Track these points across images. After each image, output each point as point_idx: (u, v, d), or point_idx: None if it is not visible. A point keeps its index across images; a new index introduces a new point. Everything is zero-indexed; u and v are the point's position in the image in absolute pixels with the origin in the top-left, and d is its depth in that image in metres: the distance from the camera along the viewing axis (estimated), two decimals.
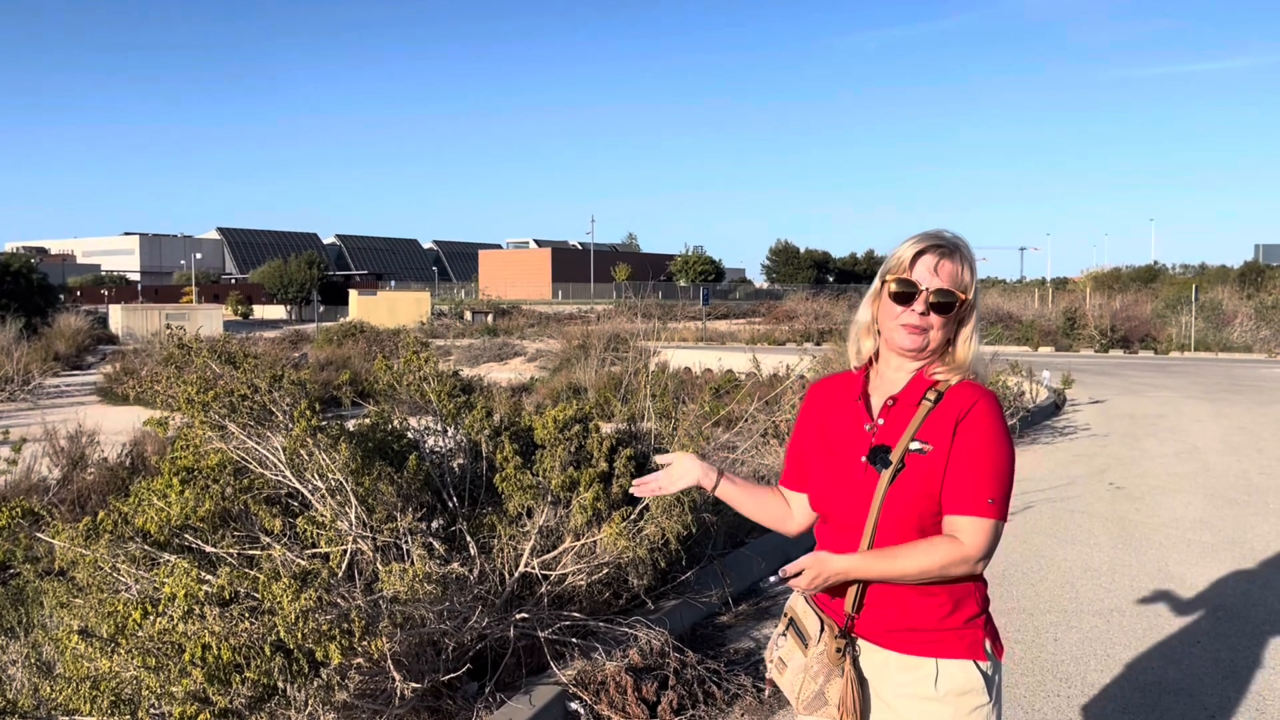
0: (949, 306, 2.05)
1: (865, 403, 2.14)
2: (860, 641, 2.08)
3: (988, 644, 2.06)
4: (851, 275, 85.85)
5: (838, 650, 2.05)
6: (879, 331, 2.14)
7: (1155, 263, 63.14)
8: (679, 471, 2.35)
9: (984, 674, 2.04)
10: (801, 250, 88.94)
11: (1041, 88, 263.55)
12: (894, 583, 2.03)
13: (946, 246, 2.07)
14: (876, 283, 2.14)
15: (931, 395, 2.05)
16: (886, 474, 2.01)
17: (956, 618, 2.04)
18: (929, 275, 2.05)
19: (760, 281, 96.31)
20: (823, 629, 2.09)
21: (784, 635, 2.20)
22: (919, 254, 2.06)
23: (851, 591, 2.05)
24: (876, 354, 2.18)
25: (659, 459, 2.43)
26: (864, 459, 2.07)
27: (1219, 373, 21.34)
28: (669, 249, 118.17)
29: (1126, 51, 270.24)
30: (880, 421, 2.09)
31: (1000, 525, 1.99)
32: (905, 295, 2.05)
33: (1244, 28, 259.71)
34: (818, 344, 31.19)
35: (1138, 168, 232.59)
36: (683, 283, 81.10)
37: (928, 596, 2.02)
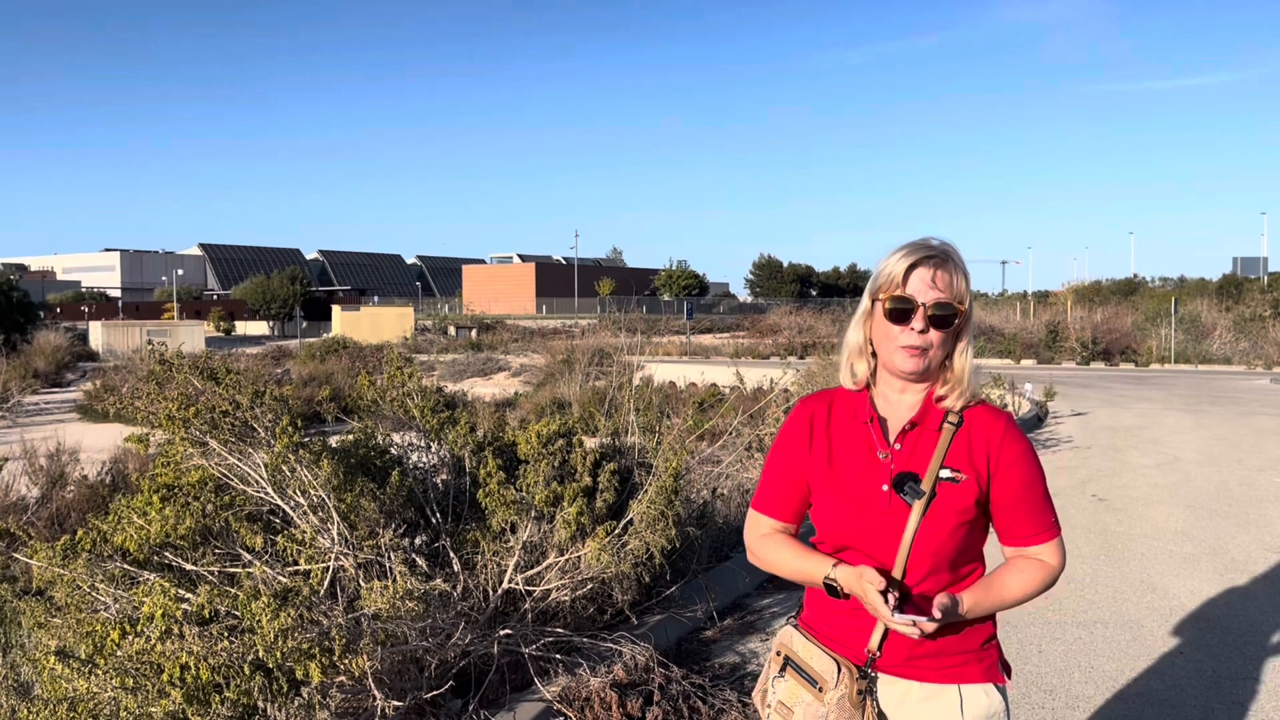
0: (949, 320, 1.94)
1: (878, 426, 2.02)
2: (878, 675, 1.98)
3: (1001, 666, 2.03)
4: (835, 289, 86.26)
5: (859, 693, 1.94)
6: (874, 354, 2.04)
7: (1135, 275, 63.77)
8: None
9: (1004, 697, 1.99)
10: (785, 264, 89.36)
11: (1021, 103, 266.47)
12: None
13: (939, 255, 1.95)
14: (866, 301, 2.03)
15: (953, 420, 1.97)
16: (919, 504, 1.91)
17: (975, 639, 1.98)
18: (926, 288, 1.93)
19: (744, 295, 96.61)
20: (839, 670, 1.96)
21: (780, 677, 2.04)
22: (913, 266, 1.94)
23: (878, 626, 1.94)
24: (872, 375, 2.07)
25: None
26: (886, 487, 1.95)
27: (1199, 385, 21.52)
28: (653, 263, 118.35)
29: (1104, 67, 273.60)
30: (897, 447, 1.98)
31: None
32: (902, 312, 1.94)
33: (1221, 44, 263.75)
34: (801, 357, 31.26)
35: (1117, 181, 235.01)
36: (667, 297, 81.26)
37: (951, 620, 1.94)
